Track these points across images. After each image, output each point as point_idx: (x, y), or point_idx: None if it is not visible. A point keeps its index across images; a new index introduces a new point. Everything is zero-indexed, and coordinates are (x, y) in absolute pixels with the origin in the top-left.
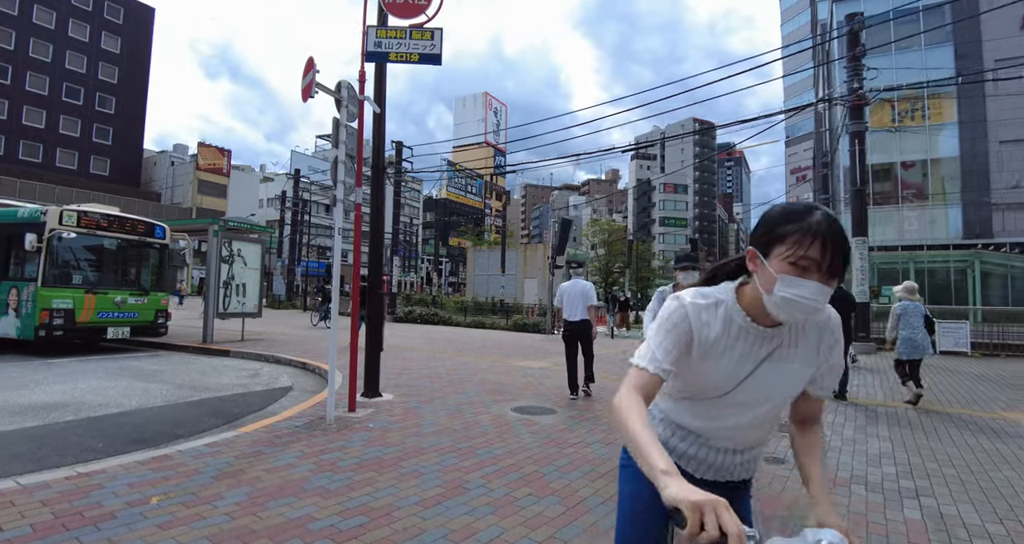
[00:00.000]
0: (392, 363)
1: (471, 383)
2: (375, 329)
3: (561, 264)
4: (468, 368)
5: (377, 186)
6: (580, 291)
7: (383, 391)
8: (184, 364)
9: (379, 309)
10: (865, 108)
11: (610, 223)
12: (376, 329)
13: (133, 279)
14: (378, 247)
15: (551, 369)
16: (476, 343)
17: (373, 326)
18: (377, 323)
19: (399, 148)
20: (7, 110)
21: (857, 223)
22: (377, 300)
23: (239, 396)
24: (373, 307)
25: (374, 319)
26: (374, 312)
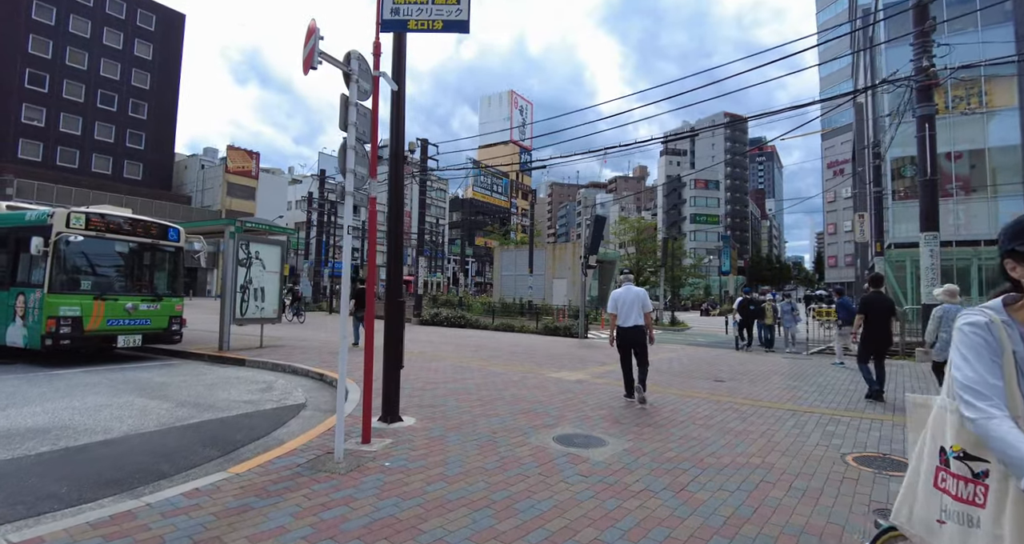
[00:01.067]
0: (415, 375)
1: (503, 401)
2: (394, 342)
3: (594, 264)
4: (498, 381)
5: (396, 177)
6: (635, 297)
7: (404, 413)
8: (195, 376)
9: (398, 318)
10: (934, 89)
11: (640, 221)
12: (395, 342)
13: (146, 284)
14: (398, 247)
15: (590, 382)
16: (505, 349)
17: (392, 339)
18: (397, 335)
19: (424, 146)
20: (45, 117)
21: (928, 217)
22: (396, 307)
23: (244, 417)
24: (391, 316)
25: (393, 331)
26: (393, 322)
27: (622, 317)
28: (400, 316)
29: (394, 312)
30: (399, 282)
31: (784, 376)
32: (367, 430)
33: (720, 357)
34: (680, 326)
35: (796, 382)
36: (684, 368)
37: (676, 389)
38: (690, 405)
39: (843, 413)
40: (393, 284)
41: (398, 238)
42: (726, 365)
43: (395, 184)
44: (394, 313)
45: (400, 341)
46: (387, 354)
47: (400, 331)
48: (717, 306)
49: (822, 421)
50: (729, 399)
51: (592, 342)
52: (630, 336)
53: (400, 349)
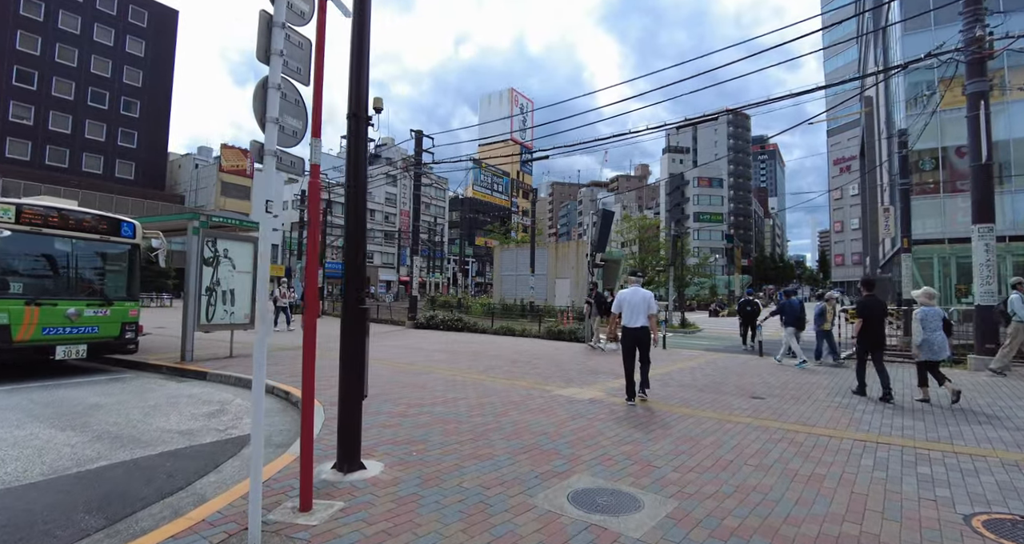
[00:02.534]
0: (398, 394)
1: (501, 433)
2: (353, 364)
3: (601, 263)
4: (496, 401)
5: (356, 145)
6: (641, 299)
7: (371, 453)
8: (140, 394)
9: (359, 330)
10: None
11: (643, 219)
12: (355, 364)
13: (93, 287)
14: (357, 236)
15: (606, 402)
16: (506, 357)
17: (350, 359)
18: (357, 354)
19: (419, 138)
20: (33, 116)
21: (981, 207)
22: (356, 317)
23: (168, 457)
24: (350, 329)
25: (352, 348)
26: (352, 337)
27: (629, 318)
28: (362, 328)
29: (354, 323)
30: (360, 281)
31: (829, 391)
32: (306, 491)
33: (747, 366)
34: (691, 328)
35: (847, 399)
36: (711, 381)
37: (711, 410)
38: (734, 434)
39: (928, 445)
40: (352, 284)
41: (358, 224)
42: (756, 376)
43: (355, 153)
44: (353, 324)
45: (362, 362)
46: (344, 380)
47: (362, 348)
48: (726, 306)
49: (907, 458)
50: (777, 424)
51: (602, 348)
52: (635, 336)
53: (362, 372)
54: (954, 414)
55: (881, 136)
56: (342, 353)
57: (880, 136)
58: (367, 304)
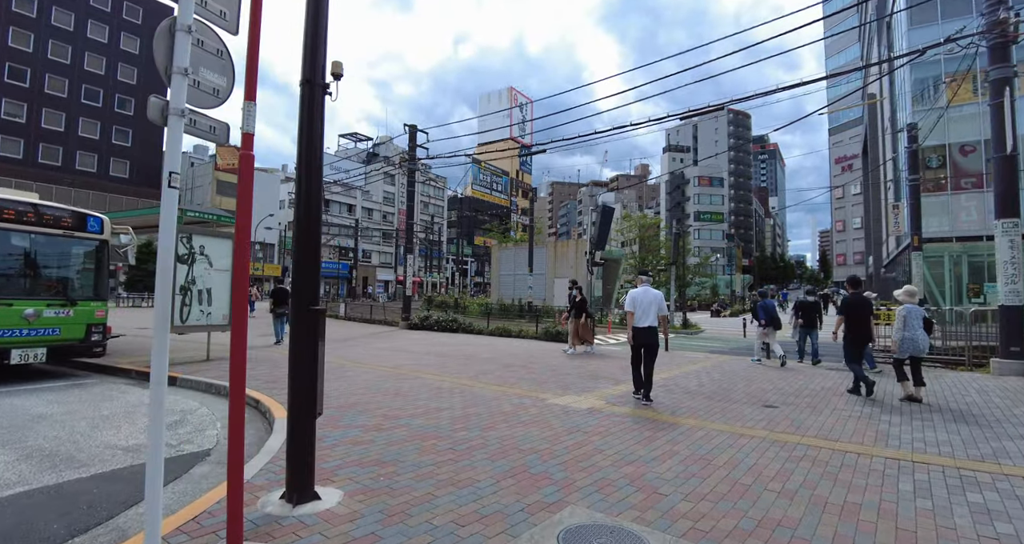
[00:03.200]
0: (377, 403)
1: (485, 451)
2: (304, 376)
3: (601, 261)
4: (484, 412)
5: (311, 117)
6: (653, 299)
7: (332, 478)
8: (96, 402)
9: (311, 337)
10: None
11: (643, 217)
12: (306, 376)
13: (55, 285)
14: (310, 224)
15: (605, 413)
16: (500, 360)
17: (302, 371)
18: (307, 365)
19: (413, 133)
20: (26, 113)
21: (1006, 200)
22: (308, 320)
23: (98, 480)
24: (301, 335)
25: (303, 358)
26: (303, 344)
27: (639, 317)
28: (314, 334)
29: (305, 328)
30: (314, 279)
31: (847, 399)
32: (235, 533)
33: (755, 370)
34: (693, 329)
35: (867, 408)
36: (719, 387)
37: (722, 421)
38: (749, 451)
39: (973, 466)
40: (305, 282)
41: (310, 212)
42: (767, 381)
43: (308, 127)
44: (304, 330)
45: (314, 374)
46: (294, 396)
47: (313, 358)
48: (728, 307)
49: (951, 482)
50: (796, 439)
51: (600, 350)
52: (644, 336)
53: (314, 386)
54: (991, 426)
55: (885, 133)
56: (291, 364)
57: (884, 134)
58: (322, 305)
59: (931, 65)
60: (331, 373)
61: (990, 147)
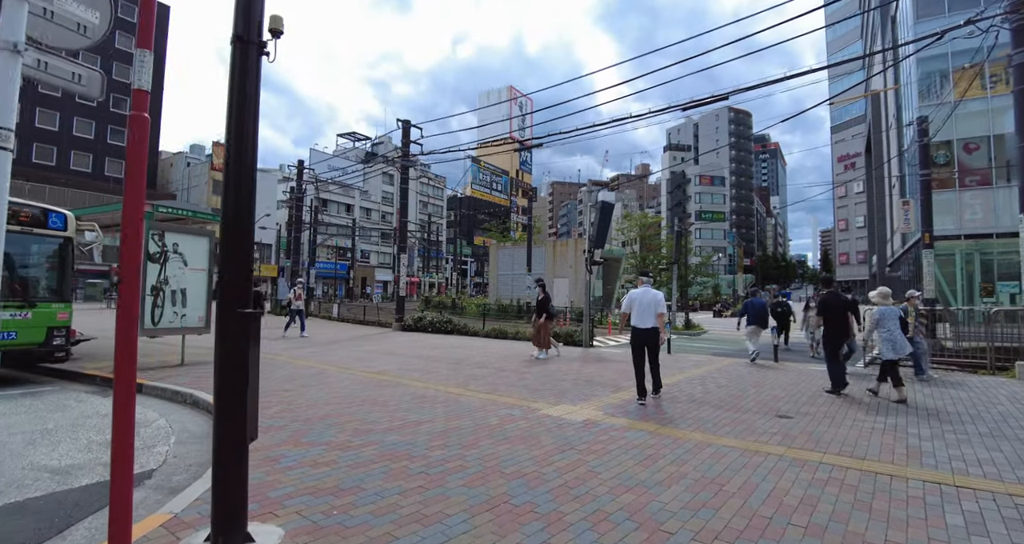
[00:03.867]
0: (351, 412)
1: (463, 477)
2: (232, 394)
3: (600, 260)
4: (468, 426)
5: (243, 81)
6: (651, 300)
7: (276, 510)
8: (44, 412)
9: (239, 347)
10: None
11: (644, 216)
12: (235, 392)
13: (12, 285)
14: (242, 216)
15: (603, 425)
16: (493, 365)
17: (228, 387)
18: (235, 379)
19: (407, 128)
20: (19, 112)
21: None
22: (236, 326)
23: (8, 512)
24: (227, 344)
25: (230, 373)
26: (230, 356)
27: (638, 318)
28: (242, 343)
29: (232, 337)
30: (243, 273)
31: (867, 408)
32: None
33: (763, 374)
34: (695, 329)
35: (891, 418)
36: (727, 394)
37: (732, 435)
38: (766, 472)
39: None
40: (233, 278)
41: (242, 193)
42: (778, 387)
43: (239, 93)
44: (232, 338)
45: (243, 389)
46: (221, 417)
47: (244, 370)
48: (729, 307)
49: (1007, 513)
50: (818, 457)
51: (600, 352)
52: (645, 337)
53: (243, 403)
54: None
55: (889, 130)
56: (216, 381)
57: (888, 131)
58: (262, 307)
59: (938, 59)
60: (309, 379)
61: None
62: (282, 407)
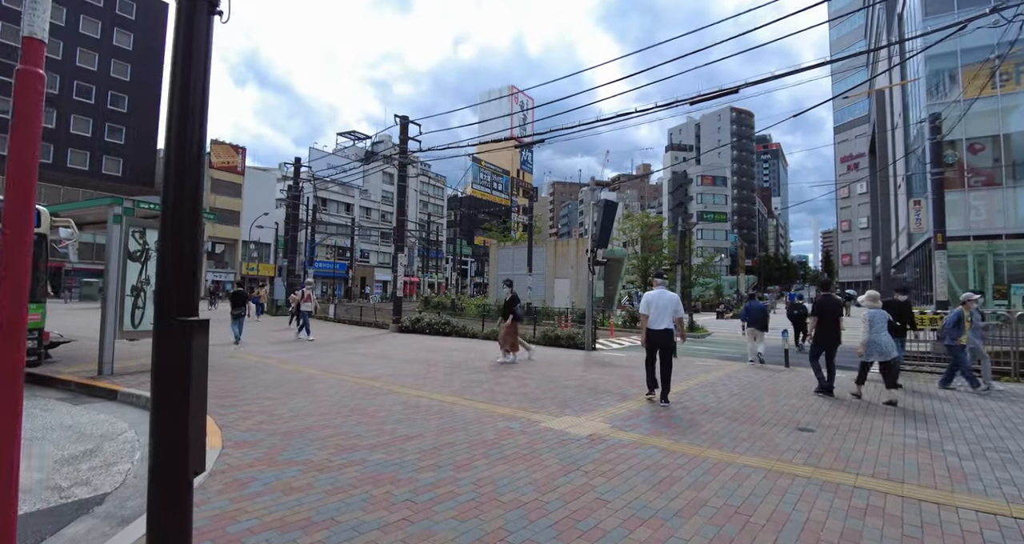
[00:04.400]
0: (334, 427)
1: (453, 506)
2: (170, 414)
3: (603, 260)
4: (462, 442)
5: (188, 43)
6: (668, 301)
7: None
8: None
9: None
10: None
11: (646, 216)
12: (174, 414)
13: None
14: (185, 205)
15: (611, 441)
16: (491, 370)
17: (167, 408)
18: (178, 394)
19: (404, 125)
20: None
21: None
22: (181, 333)
23: None
24: (168, 354)
25: (169, 387)
26: (169, 372)
27: (654, 320)
28: (184, 359)
29: (171, 352)
30: (186, 272)
31: (894, 419)
32: None
33: (776, 381)
34: (700, 332)
35: (923, 432)
36: (741, 404)
37: (753, 453)
38: (795, 498)
39: None
40: (175, 278)
41: (187, 177)
42: (794, 396)
43: (185, 59)
44: (171, 354)
45: (183, 418)
46: (156, 451)
47: (182, 394)
48: (732, 308)
49: None
50: (851, 479)
51: (603, 356)
52: (660, 339)
53: (183, 434)
54: None
55: (895, 130)
56: (153, 401)
57: (894, 130)
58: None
59: (947, 57)
60: (295, 386)
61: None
62: (262, 418)
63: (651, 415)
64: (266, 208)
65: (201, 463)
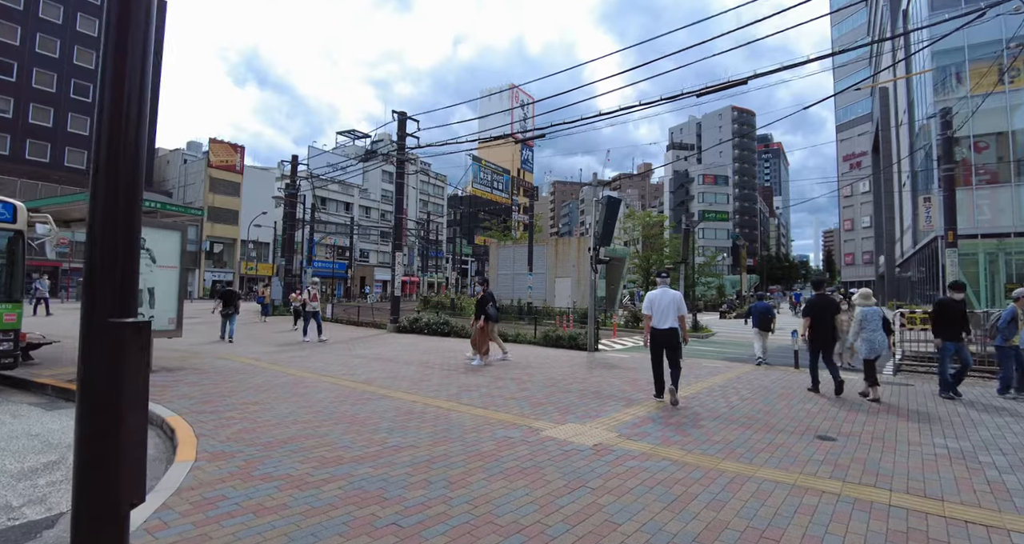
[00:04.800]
0: (319, 437)
1: (444, 533)
2: (96, 436)
3: (605, 258)
4: (457, 453)
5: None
6: (671, 300)
7: None
8: None
9: (111, 378)
10: None
11: (647, 214)
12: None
13: None
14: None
15: (617, 450)
16: (490, 373)
17: (92, 430)
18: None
19: (402, 121)
20: (12, 108)
21: None
22: (108, 341)
23: None
24: (93, 366)
25: (92, 414)
26: (91, 393)
27: (658, 319)
28: (116, 370)
29: (100, 361)
30: (125, 269)
31: (919, 425)
32: None
33: (788, 384)
34: (704, 332)
35: (953, 441)
36: (755, 409)
37: (773, 466)
38: (827, 519)
39: None
40: (106, 274)
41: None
42: (809, 401)
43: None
44: (99, 362)
45: (115, 444)
46: (80, 485)
47: (113, 411)
48: (735, 308)
49: None
50: (883, 495)
51: (606, 357)
52: (664, 338)
53: (114, 458)
54: None
55: (900, 127)
56: (78, 419)
57: (898, 127)
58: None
59: (954, 52)
60: (284, 390)
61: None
62: (243, 426)
63: (659, 422)
64: (265, 207)
65: (139, 492)
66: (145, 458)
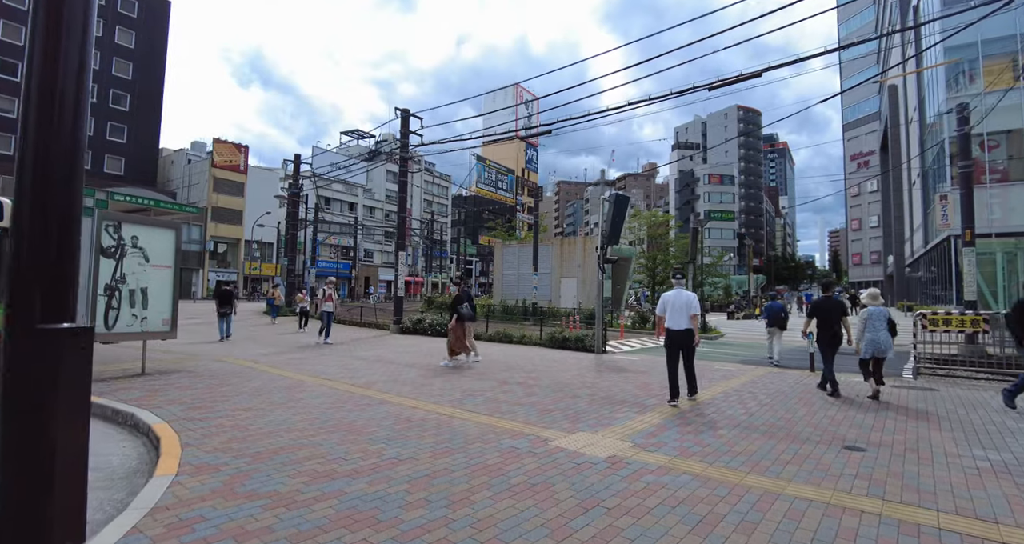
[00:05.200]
0: (313, 447)
1: None
2: (21, 479)
3: (613, 257)
4: (460, 467)
5: None
6: (684, 301)
7: None
8: None
9: (40, 386)
10: None
11: (653, 214)
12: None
13: None
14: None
15: (632, 463)
16: (494, 375)
17: (15, 467)
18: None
19: (405, 118)
20: (16, 108)
21: None
22: (37, 349)
23: None
24: (18, 379)
25: (22, 431)
26: (20, 398)
27: (671, 320)
28: (45, 383)
29: (25, 373)
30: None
31: (953, 434)
32: None
33: (806, 388)
34: (713, 333)
35: (992, 451)
36: (776, 416)
37: (803, 481)
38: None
39: None
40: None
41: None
42: (831, 406)
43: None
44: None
45: (48, 475)
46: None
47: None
48: (743, 308)
49: None
50: (931, 517)
51: (614, 359)
52: (680, 339)
53: (43, 490)
54: None
55: (909, 125)
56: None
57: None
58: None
59: (967, 48)
60: (279, 395)
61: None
62: (232, 435)
63: (676, 431)
64: (269, 207)
65: (78, 532)
66: (85, 487)
